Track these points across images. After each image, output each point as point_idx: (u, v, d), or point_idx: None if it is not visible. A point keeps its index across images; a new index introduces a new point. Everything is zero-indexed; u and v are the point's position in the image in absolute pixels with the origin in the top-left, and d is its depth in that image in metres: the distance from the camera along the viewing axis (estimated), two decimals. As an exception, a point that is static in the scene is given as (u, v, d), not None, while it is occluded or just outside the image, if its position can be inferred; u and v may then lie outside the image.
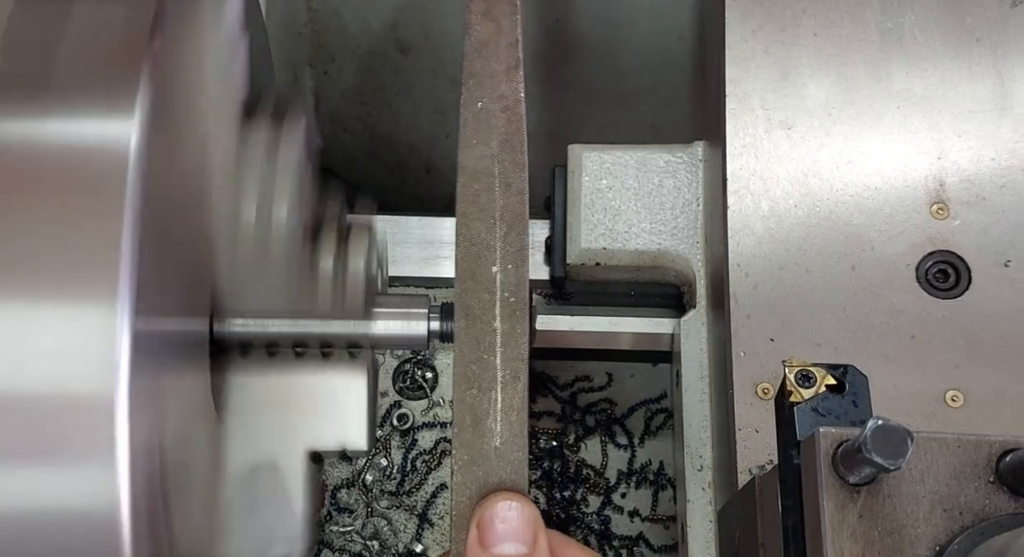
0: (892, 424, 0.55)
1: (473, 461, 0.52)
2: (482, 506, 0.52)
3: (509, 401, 0.52)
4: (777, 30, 1.01)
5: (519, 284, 0.53)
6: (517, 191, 0.55)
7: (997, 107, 0.97)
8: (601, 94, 1.45)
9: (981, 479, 0.60)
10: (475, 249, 0.54)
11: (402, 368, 1.22)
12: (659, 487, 1.22)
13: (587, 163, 1.09)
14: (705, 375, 1.03)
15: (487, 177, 0.55)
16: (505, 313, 0.53)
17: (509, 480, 0.52)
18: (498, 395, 0.52)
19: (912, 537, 0.59)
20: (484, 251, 0.54)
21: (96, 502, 0.45)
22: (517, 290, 0.53)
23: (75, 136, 0.48)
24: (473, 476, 0.51)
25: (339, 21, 1.39)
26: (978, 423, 0.87)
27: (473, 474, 0.51)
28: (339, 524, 1.16)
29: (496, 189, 0.54)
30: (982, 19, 1.00)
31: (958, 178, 0.96)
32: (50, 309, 0.45)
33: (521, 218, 0.54)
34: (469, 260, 0.54)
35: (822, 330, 0.92)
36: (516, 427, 0.52)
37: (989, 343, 0.90)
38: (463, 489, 0.51)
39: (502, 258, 0.54)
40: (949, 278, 0.93)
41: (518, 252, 0.54)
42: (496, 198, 0.54)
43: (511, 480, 0.52)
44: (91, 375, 0.45)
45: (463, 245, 0.54)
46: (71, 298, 0.45)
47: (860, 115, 0.98)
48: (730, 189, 0.97)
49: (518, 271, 0.54)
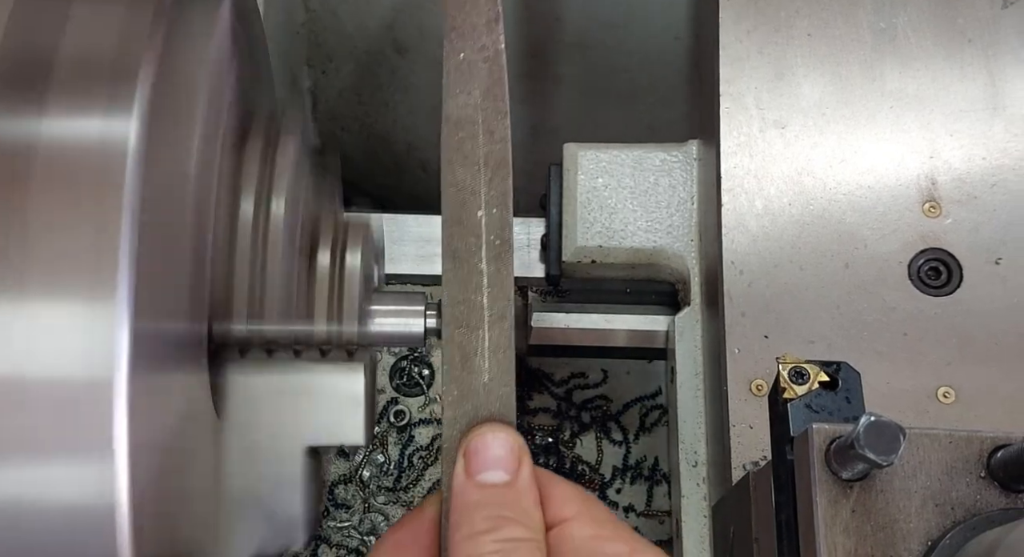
0: (884, 420, 0.56)
1: (463, 396, 0.53)
2: (468, 436, 0.53)
3: (496, 339, 0.54)
4: (771, 30, 1.02)
5: (503, 227, 0.55)
6: (500, 138, 0.56)
7: (989, 107, 0.98)
8: (597, 93, 1.46)
9: (973, 475, 0.61)
10: (461, 194, 0.55)
11: (399, 365, 1.23)
12: (654, 483, 1.22)
13: (583, 161, 1.10)
14: (699, 372, 1.04)
15: (470, 125, 0.56)
16: (491, 255, 0.55)
17: (497, 413, 0.53)
18: (485, 334, 0.54)
19: (904, 532, 0.59)
20: (469, 196, 0.55)
21: (95, 498, 0.46)
22: (502, 233, 0.55)
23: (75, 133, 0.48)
24: (463, 411, 0.53)
25: (337, 21, 1.39)
26: (970, 419, 0.88)
27: (463, 409, 0.53)
28: (336, 519, 1.17)
29: (480, 136, 0.56)
30: (974, 20, 1.01)
31: (950, 177, 0.96)
32: (49, 306, 0.46)
33: (504, 164, 0.56)
34: (455, 205, 0.55)
35: (815, 327, 0.92)
36: (503, 364, 0.53)
37: (980, 340, 0.91)
38: (453, 424, 0.53)
39: (487, 203, 0.55)
40: (941, 276, 0.94)
41: (502, 196, 0.55)
42: (480, 145, 0.56)
43: (499, 413, 0.53)
44: (90, 372, 0.45)
45: (449, 191, 0.55)
46: (70, 295, 0.46)
47: (853, 114, 0.99)
48: (724, 187, 0.97)
49: (502, 215, 0.55)
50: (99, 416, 0.45)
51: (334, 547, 1.15)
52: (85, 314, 0.45)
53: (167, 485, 0.52)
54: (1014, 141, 0.97)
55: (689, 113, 1.38)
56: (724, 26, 1.02)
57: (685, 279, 1.08)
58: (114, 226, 0.46)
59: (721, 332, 0.94)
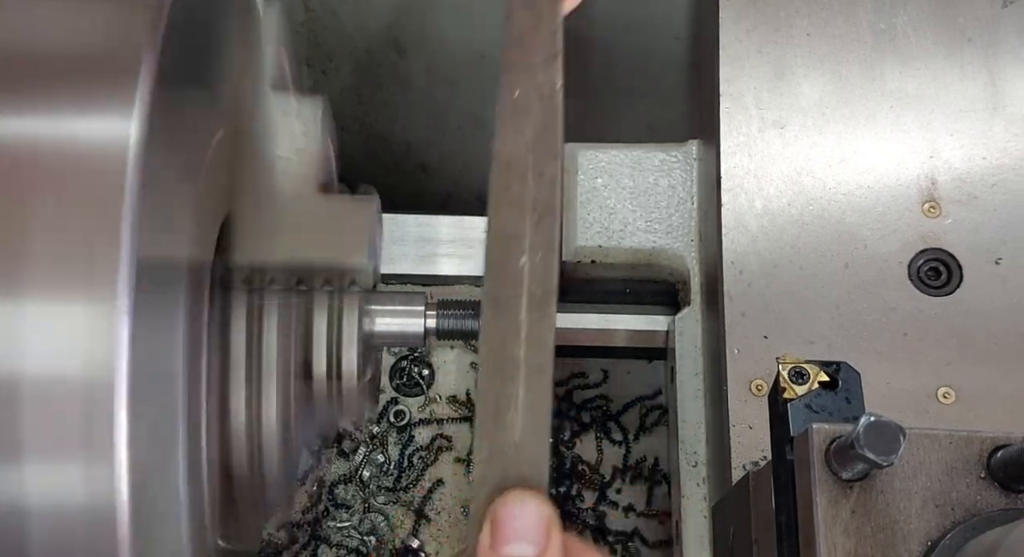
0: (884, 420, 0.56)
1: (492, 455, 0.50)
2: (495, 503, 0.50)
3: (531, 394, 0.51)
4: (771, 30, 1.02)
5: (547, 275, 0.53)
6: (549, 180, 0.54)
7: (989, 106, 0.98)
8: (597, 93, 1.45)
9: (973, 475, 0.61)
10: (504, 239, 0.53)
11: (399, 365, 1.23)
12: (654, 483, 1.22)
13: (583, 162, 1.10)
14: (699, 372, 1.04)
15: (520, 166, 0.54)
16: (532, 305, 0.52)
17: (528, 475, 0.50)
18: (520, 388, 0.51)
19: (904, 532, 0.59)
20: (513, 241, 0.53)
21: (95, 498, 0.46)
22: (545, 281, 0.53)
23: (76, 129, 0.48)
24: (492, 471, 0.50)
25: (336, 21, 1.39)
26: (970, 420, 0.88)
27: (492, 468, 0.50)
28: (336, 519, 1.17)
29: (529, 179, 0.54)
30: (974, 19, 1.01)
31: (950, 177, 0.96)
32: (49, 306, 0.46)
33: (552, 209, 0.53)
34: (499, 251, 0.53)
35: (815, 327, 0.92)
36: (538, 422, 0.50)
37: (980, 340, 0.91)
38: (482, 483, 0.50)
39: (531, 248, 0.53)
40: (941, 276, 0.94)
41: (548, 242, 0.53)
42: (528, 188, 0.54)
43: (530, 475, 0.50)
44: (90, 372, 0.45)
45: (493, 235, 0.53)
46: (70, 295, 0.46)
47: (853, 114, 0.99)
48: (724, 187, 0.97)
49: (547, 262, 0.53)
50: (99, 416, 0.45)
51: (334, 547, 1.15)
52: (85, 314, 0.45)
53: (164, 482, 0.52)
54: (1014, 141, 0.97)
55: (689, 113, 1.37)
56: (724, 26, 1.02)
57: (685, 279, 1.08)
58: (114, 226, 0.46)
59: (721, 332, 0.94)
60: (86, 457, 0.45)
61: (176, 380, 0.55)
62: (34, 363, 0.45)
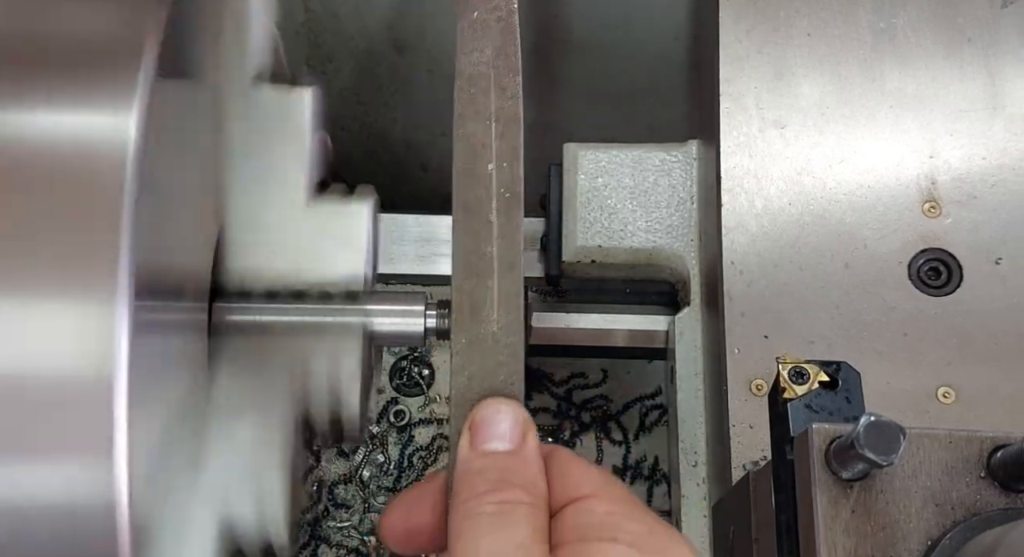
0: (885, 420, 0.56)
1: (471, 344, 0.54)
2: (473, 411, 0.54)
3: (506, 290, 0.54)
4: (771, 30, 1.02)
5: (514, 181, 0.56)
6: (512, 95, 0.57)
7: (988, 106, 0.98)
8: (597, 93, 1.46)
9: (973, 475, 0.61)
10: (472, 147, 0.56)
11: (399, 365, 1.23)
12: (654, 482, 1.22)
13: (583, 161, 1.10)
14: (699, 372, 1.04)
15: (483, 81, 0.57)
16: (501, 207, 0.55)
17: (505, 362, 0.54)
18: (495, 284, 0.54)
19: (904, 532, 0.59)
20: (480, 149, 0.56)
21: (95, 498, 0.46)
22: (512, 186, 0.56)
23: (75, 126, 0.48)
24: (470, 358, 0.54)
25: (336, 21, 1.39)
26: (970, 419, 0.88)
27: (470, 356, 0.54)
28: (336, 519, 1.17)
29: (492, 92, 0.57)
30: (973, 19, 1.01)
31: (950, 177, 0.96)
32: (48, 306, 0.45)
33: (516, 120, 0.57)
34: (466, 157, 0.56)
35: (815, 327, 0.92)
36: (512, 314, 0.54)
37: (980, 340, 0.91)
38: (461, 371, 0.53)
39: (498, 157, 0.56)
40: (941, 276, 0.94)
41: (513, 151, 0.56)
42: (491, 100, 0.57)
43: (507, 362, 0.54)
44: (90, 372, 0.45)
45: (460, 143, 0.56)
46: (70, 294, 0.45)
47: (853, 114, 0.99)
48: (724, 187, 0.97)
49: (513, 169, 0.56)
50: (99, 416, 0.45)
51: (334, 547, 1.15)
52: (85, 313, 0.45)
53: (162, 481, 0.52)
54: (1014, 140, 0.97)
55: (689, 113, 1.38)
56: (724, 26, 1.02)
57: (685, 279, 1.08)
58: (115, 224, 0.46)
59: (721, 332, 0.94)
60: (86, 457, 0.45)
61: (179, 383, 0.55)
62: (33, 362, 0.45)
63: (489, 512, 0.51)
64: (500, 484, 0.52)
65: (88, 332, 0.45)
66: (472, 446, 0.54)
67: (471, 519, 0.51)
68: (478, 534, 0.51)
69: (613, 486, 0.56)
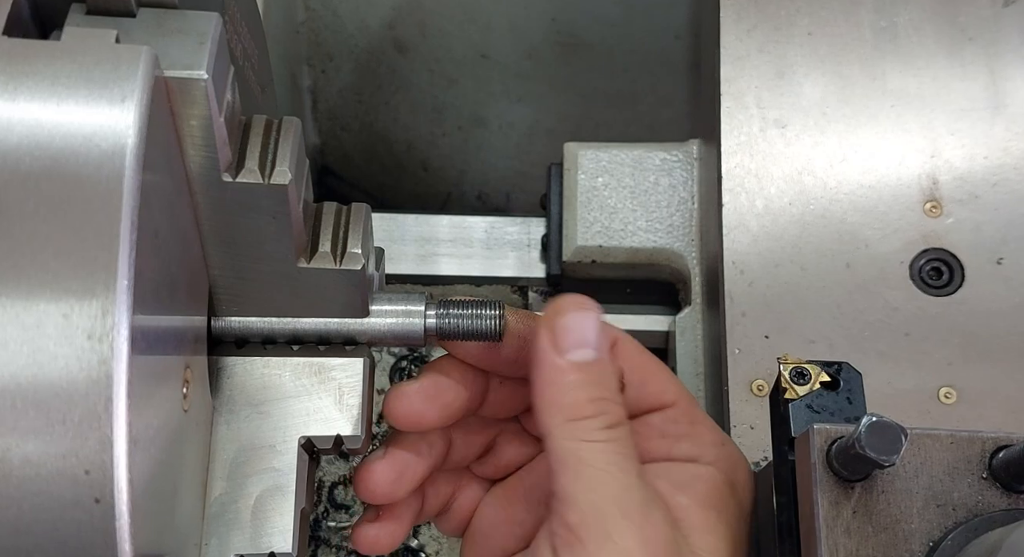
0: (886, 420, 0.56)
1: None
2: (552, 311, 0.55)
3: None
4: (772, 29, 1.02)
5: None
6: None
7: (990, 106, 0.98)
8: (598, 93, 1.46)
9: (974, 475, 0.60)
10: None
11: (399, 365, 1.22)
12: (655, 484, 1.22)
13: (583, 161, 1.09)
14: (700, 372, 1.04)
15: None
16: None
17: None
18: None
19: (906, 533, 0.59)
20: None
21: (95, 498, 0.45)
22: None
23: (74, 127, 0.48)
24: None
25: (337, 20, 1.39)
26: (972, 420, 0.88)
27: None
28: (336, 521, 1.16)
29: None
30: (975, 18, 1.01)
31: (951, 176, 0.96)
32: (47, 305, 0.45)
33: None
34: None
35: (817, 327, 0.92)
36: None
37: (982, 340, 0.91)
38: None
39: None
40: (943, 276, 0.93)
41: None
42: None
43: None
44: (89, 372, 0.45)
45: None
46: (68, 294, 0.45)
47: (854, 113, 0.99)
48: (725, 187, 0.97)
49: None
50: (99, 416, 0.45)
51: (334, 548, 1.15)
52: (83, 313, 0.45)
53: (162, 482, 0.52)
54: (1016, 140, 0.97)
55: (689, 113, 1.38)
56: (725, 25, 1.02)
57: (685, 279, 1.08)
58: (113, 224, 0.46)
59: (722, 332, 0.93)
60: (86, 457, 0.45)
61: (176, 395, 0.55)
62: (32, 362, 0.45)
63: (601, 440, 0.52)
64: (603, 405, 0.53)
65: (88, 332, 0.45)
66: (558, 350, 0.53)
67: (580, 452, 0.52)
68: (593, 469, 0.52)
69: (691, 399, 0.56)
